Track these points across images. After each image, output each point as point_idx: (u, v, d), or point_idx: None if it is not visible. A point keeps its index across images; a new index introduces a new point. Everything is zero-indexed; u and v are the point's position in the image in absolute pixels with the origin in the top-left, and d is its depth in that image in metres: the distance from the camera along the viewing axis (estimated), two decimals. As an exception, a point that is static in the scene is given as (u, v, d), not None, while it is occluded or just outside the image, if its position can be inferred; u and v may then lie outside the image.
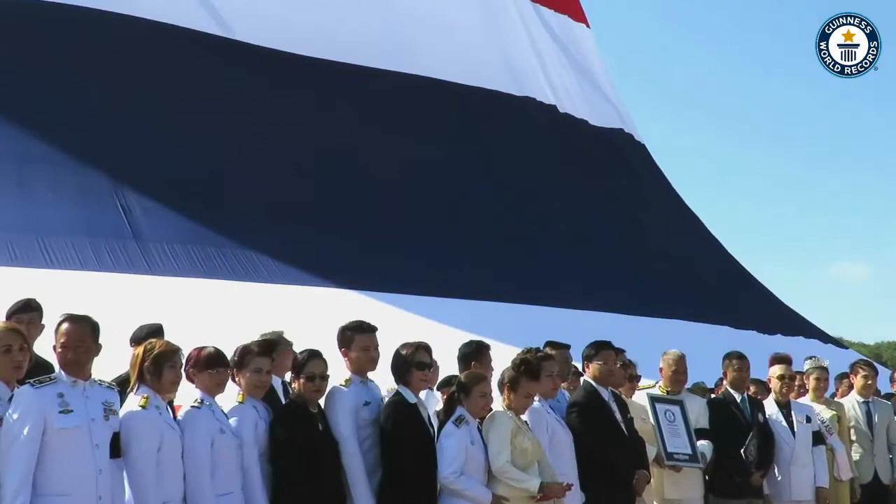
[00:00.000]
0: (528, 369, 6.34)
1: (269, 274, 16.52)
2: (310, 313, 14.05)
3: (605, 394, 7.17)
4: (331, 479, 5.70)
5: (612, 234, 23.39)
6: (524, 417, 6.39)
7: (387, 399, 6.13)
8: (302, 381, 5.78)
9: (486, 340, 7.31)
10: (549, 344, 7.41)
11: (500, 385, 6.38)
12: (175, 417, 5.37)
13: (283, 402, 6.14)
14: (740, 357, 8.26)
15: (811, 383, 9.20)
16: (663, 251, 23.89)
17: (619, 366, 7.52)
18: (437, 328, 14.52)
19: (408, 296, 16.53)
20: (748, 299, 24.62)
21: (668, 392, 8.00)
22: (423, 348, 6.20)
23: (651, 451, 7.43)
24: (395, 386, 6.15)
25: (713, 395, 9.60)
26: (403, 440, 5.89)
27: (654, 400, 7.76)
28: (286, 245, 17.20)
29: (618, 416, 7.13)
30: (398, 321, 13.83)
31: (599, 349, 7.26)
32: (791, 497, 8.14)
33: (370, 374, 6.21)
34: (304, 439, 5.60)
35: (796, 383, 8.98)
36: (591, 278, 20.84)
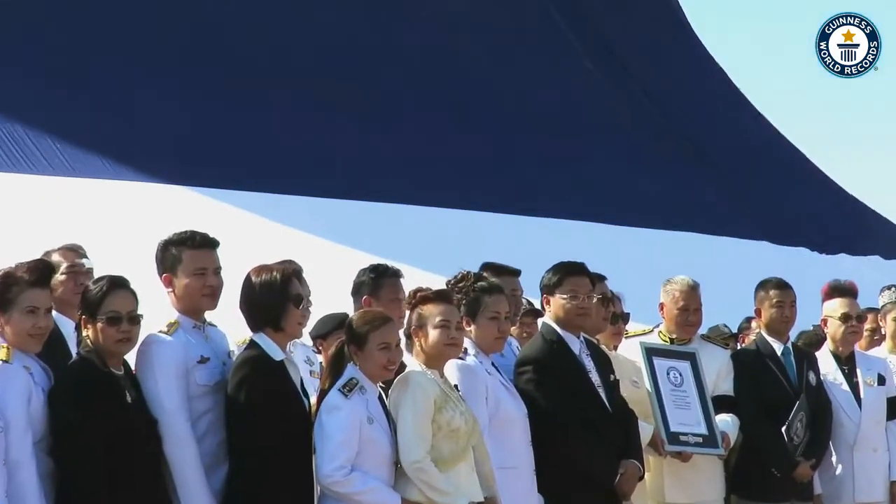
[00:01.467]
0: (429, 295, 6.35)
1: (51, 162, 16.30)
2: (117, 220, 13.96)
3: (576, 344, 7.24)
4: (146, 477, 5.70)
5: (594, 105, 23.38)
6: (452, 379, 6.41)
7: (237, 354, 6.12)
8: (99, 325, 5.74)
9: (395, 264, 7.36)
10: (489, 267, 7.43)
11: (407, 338, 6.37)
12: None
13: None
14: (781, 286, 8.37)
15: (889, 326, 9.35)
16: (668, 127, 23.96)
17: (596, 301, 7.55)
18: (315, 244, 14.51)
19: (269, 195, 16.47)
20: (796, 197, 24.82)
21: (672, 341, 8.14)
22: (294, 274, 6.18)
23: (646, 431, 7.53)
24: (251, 334, 6.13)
25: (740, 346, 9.76)
26: (264, 417, 5.88)
27: (651, 353, 7.88)
28: (79, 120, 16.95)
29: (594, 377, 7.20)
30: (252, 232, 13.79)
31: (567, 275, 7.28)
32: (854, 498, 8.36)
33: (208, 315, 6.20)
34: (103, 417, 5.57)
35: (866, 327, 9.13)
36: (557, 171, 20.90)
